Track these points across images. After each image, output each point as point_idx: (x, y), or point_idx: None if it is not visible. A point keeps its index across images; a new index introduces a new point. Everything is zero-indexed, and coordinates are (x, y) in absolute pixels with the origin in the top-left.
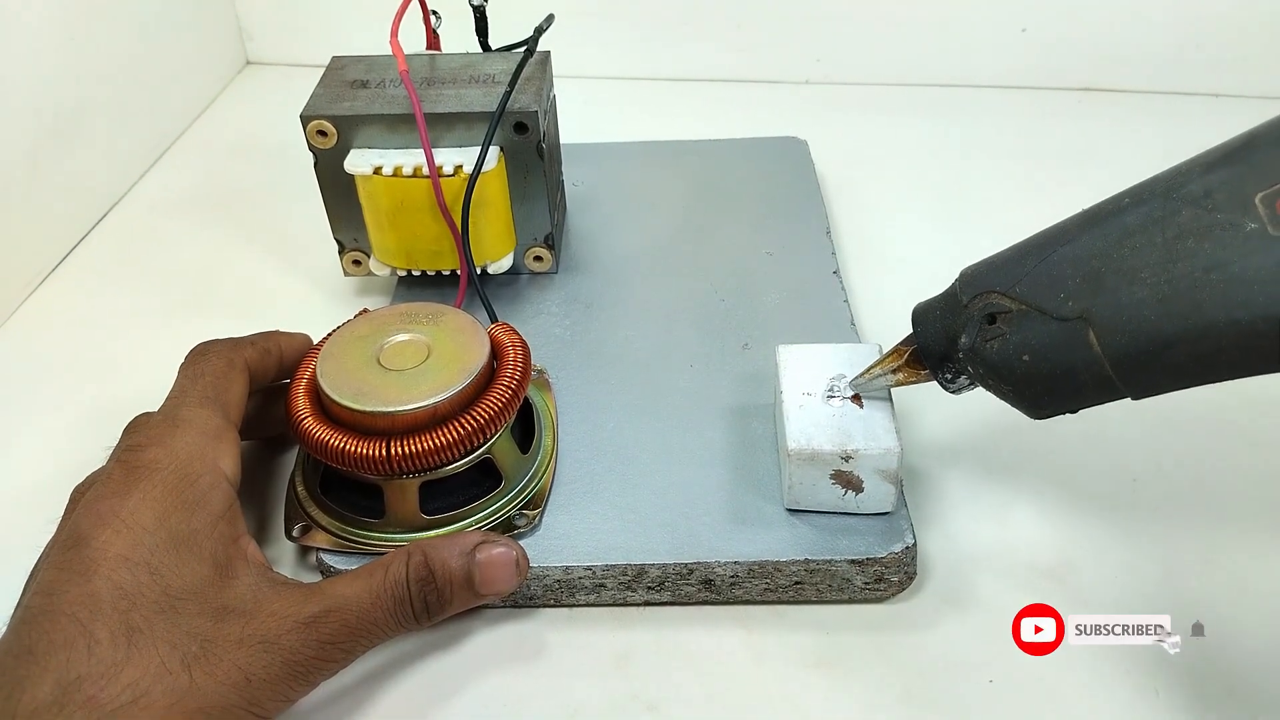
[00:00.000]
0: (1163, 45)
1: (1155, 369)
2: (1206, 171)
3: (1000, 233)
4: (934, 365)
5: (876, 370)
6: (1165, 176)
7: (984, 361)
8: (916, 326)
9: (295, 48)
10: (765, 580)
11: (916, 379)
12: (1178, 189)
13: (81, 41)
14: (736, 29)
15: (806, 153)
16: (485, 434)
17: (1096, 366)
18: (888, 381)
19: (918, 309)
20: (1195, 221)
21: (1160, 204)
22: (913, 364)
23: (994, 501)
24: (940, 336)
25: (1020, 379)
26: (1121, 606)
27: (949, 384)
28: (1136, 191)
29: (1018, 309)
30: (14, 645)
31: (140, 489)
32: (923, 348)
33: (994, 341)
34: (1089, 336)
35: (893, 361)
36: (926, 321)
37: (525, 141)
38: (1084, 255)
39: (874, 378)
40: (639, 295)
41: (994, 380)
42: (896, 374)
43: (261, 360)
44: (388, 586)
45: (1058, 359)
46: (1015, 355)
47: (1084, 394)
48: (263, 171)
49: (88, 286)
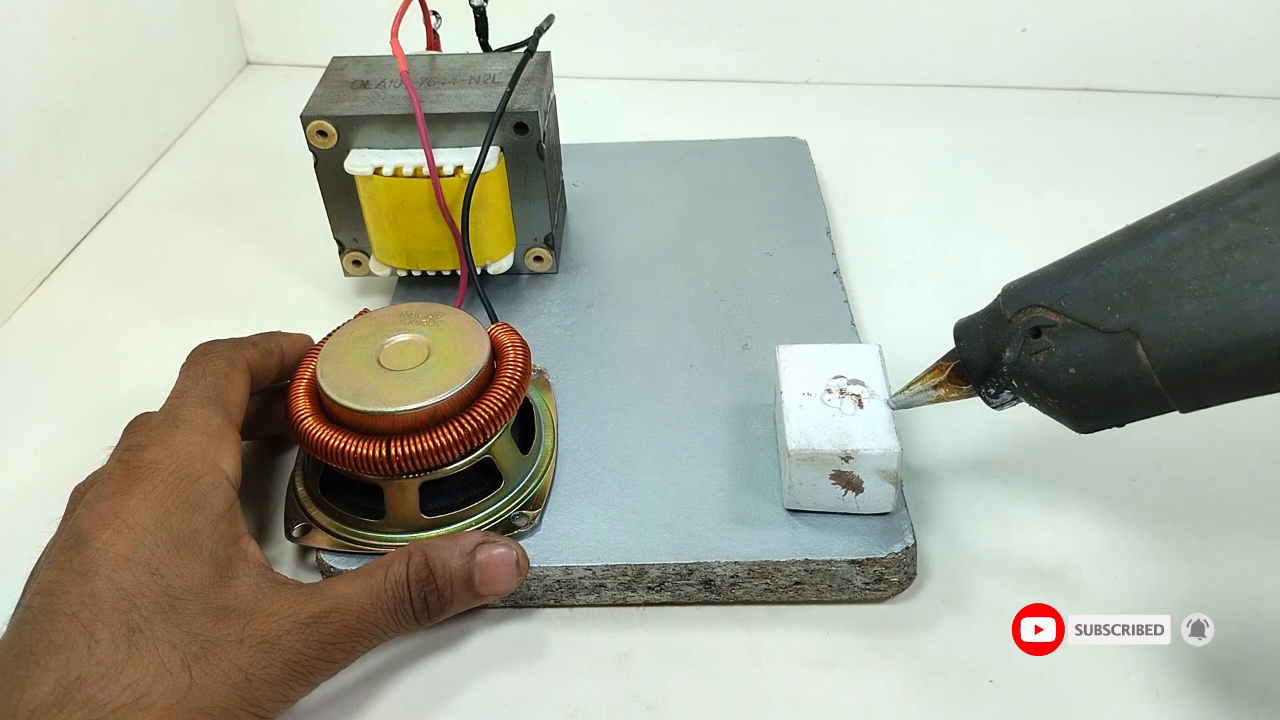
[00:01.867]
0: (1163, 45)
1: (1204, 381)
2: (1253, 186)
3: (1000, 232)
4: (977, 380)
5: (917, 387)
6: (1211, 191)
7: (1029, 375)
8: (959, 340)
9: (295, 48)
10: (765, 580)
11: (958, 395)
12: (1224, 203)
13: (81, 41)
14: (736, 29)
15: (806, 153)
16: (485, 434)
17: (1145, 379)
18: (929, 398)
19: (960, 324)
20: (1243, 234)
21: (1207, 218)
22: (955, 379)
23: (994, 501)
24: (984, 351)
25: (1066, 392)
26: (1121, 606)
27: (992, 399)
28: (1182, 206)
29: (1063, 322)
30: (14, 645)
31: (141, 489)
32: (966, 362)
33: (1039, 355)
34: (1137, 349)
35: (934, 377)
36: (969, 336)
37: (525, 142)
38: (1130, 269)
39: (914, 394)
40: (639, 295)
41: (1039, 394)
42: (938, 390)
43: (263, 361)
44: (388, 587)
45: (1105, 372)
46: (1061, 368)
47: (1131, 407)
48: (263, 171)
49: (88, 286)
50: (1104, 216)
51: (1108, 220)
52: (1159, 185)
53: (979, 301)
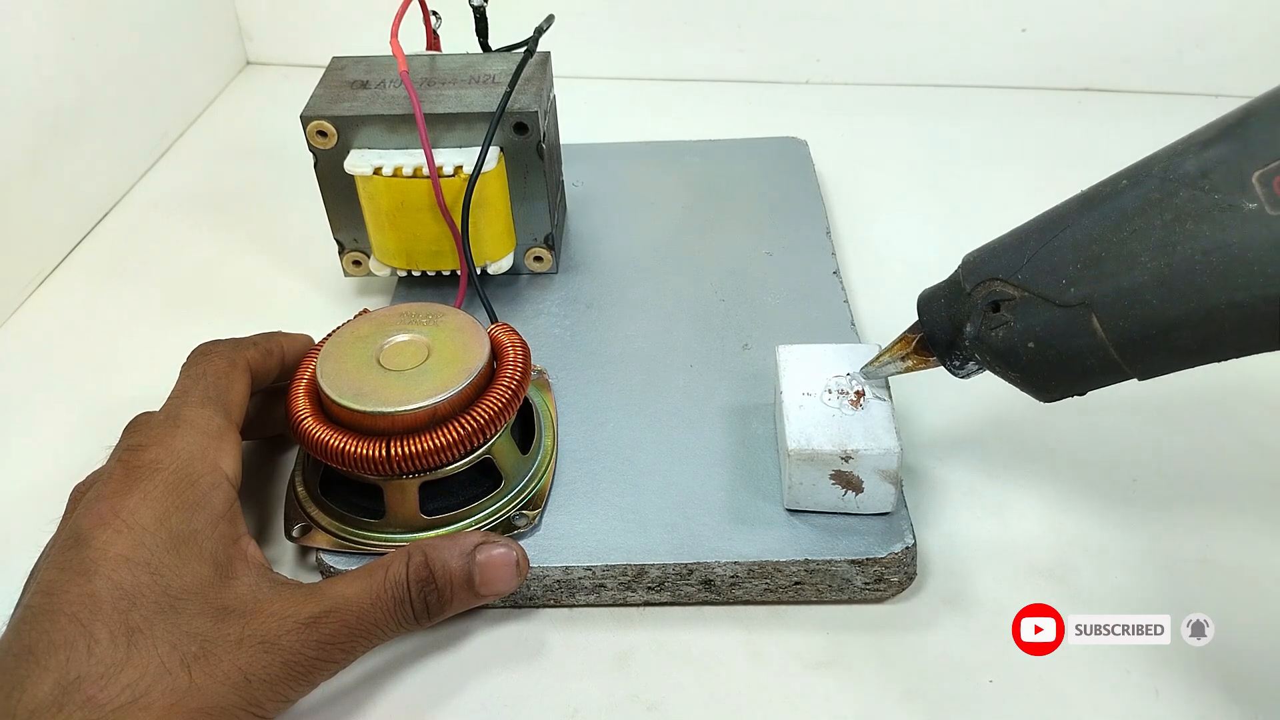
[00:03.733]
0: (1163, 45)
1: (1159, 351)
2: (1202, 149)
3: (1000, 233)
4: (941, 352)
5: (885, 358)
6: (1162, 156)
7: (990, 349)
8: (922, 315)
9: (295, 48)
10: (765, 580)
11: (925, 365)
12: (1174, 169)
13: (81, 41)
14: (736, 29)
15: (806, 153)
16: (485, 434)
17: (1101, 351)
18: (896, 369)
19: (922, 296)
20: (1193, 203)
21: (1157, 185)
22: (920, 351)
23: (994, 501)
24: (946, 324)
25: (1026, 365)
26: (1121, 606)
27: (957, 370)
28: (1133, 172)
29: (1021, 296)
30: (14, 645)
31: (141, 489)
32: (929, 335)
33: (999, 330)
34: (1092, 323)
35: (900, 349)
36: (931, 309)
37: (525, 142)
38: (1084, 240)
39: (882, 365)
40: (639, 295)
41: (1001, 367)
42: (905, 361)
43: (263, 361)
44: (388, 587)
45: (1062, 345)
46: (1020, 343)
47: (1090, 377)
48: (263, 171)
49: (88, 286)
50: None
51: None
52: None
53: None
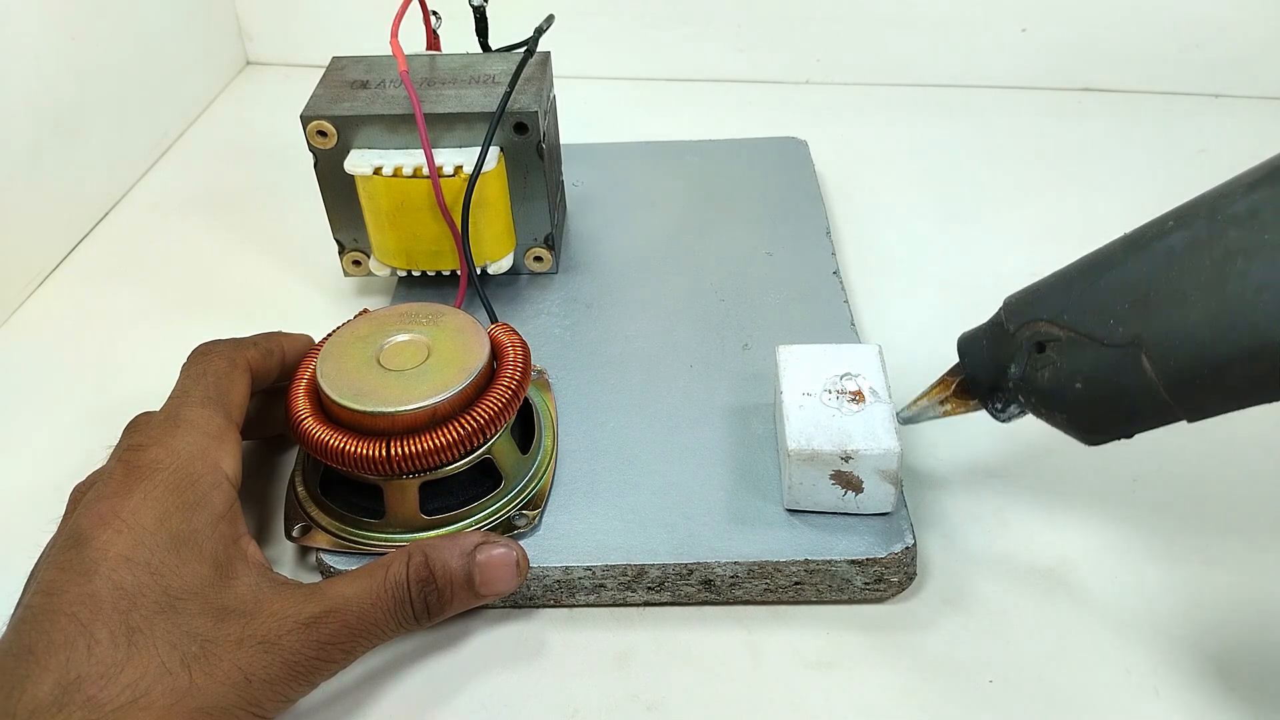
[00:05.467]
0: (1163, 45)
1: (1211, 391)
2: (1250, 191)
3: (1000, 232)
4: (983, 395)
5: (924, 402)
6: (1208, 198)
7: (1036, 391)
8: (963, 357)
9: (295, 48)
10: (765, 580)
11: (965, 409)
12: (1222, 209)
13: (81, 41)
14: (736, 29)
15: (806, 153)
16: (485, 434)
17: (1151, 391)
18: (935, 414)
19: (963, 339)
20: (1243, 242)
21: (1205, 225)
22: (960, 395)
23: (994, 501)
24: (988, 366)
25: (1073, 406)
26: (1121, 606)
27: (999, 413)
28: (1179, 214)
29: (1067, 336)
30: (14, 644)
31: (141, 489)
32: (971, 378)
33: (1045, 370)
34: (1142, 362)
35: (939, 392)
36: (973, 352)
37: (525, 142)
38: (1131, 280)
39: (921, 410)
40: (639, 295)
41: (1047, 409)
42: (944, 405)
43: (264, 361)
44: (388, 587)
45: (1111, 385)
46: (1068, 383)
47: (1139, 418)
48: (263, 171)
49: (88, 286)
50: (1104, 217)
51: (1108, 221)
52: (1159, 185)
53: (979, 301)
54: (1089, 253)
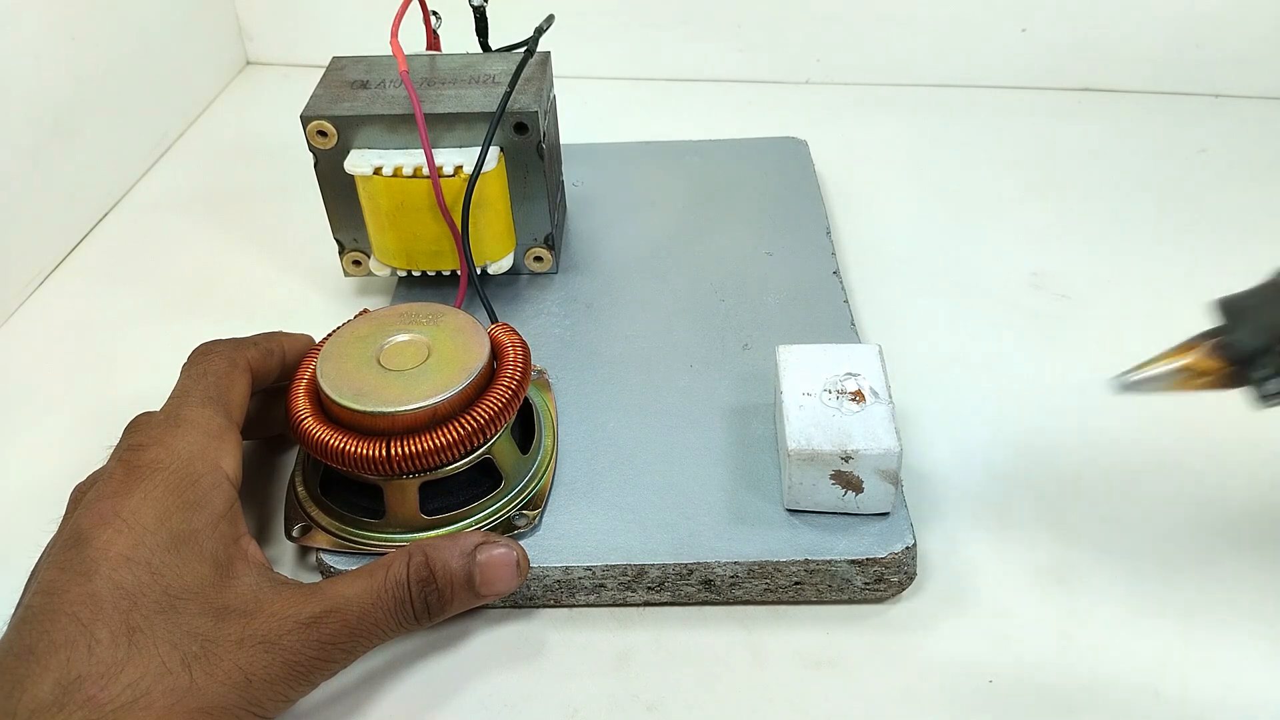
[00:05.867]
0: (1163, 45)
1: None
2: None
3: (1001, 232)
4: (1248, 359)
5: (1160, 367)
6: None
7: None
8: (1229, 316)
9: (295, 48)
10: (765, 580)
11: (1209, 377)
12: None
13: (82, 41)
14: (736, 29)
15: (806, 153)
16: (485, 434)
17: None
18: (1165, 383)
19: (1227, 300)
20: None
21: None
22: (1214, 356)
23: (994, 501)
24: (1262, 329)
25: None
26: (1121, 606)
27: (1263, 383)
28: None
29: None
30: (14, 644)
31: (141, 489)
32: (1233, 342)
33: None
34: None
35: (1181, 355)
36: (1239, 312)
37: (525, 142)
38: None
39: (1152, 377)
40: (639, 295)
41: None
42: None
43: (264, 361)
44: (388, 587)
45: None
46: None
47: None
48: (263, 171)
49: (88, 286)
50: (1104, 217)
51: (1109, 220)
52: (1159, 185)
53: (980, 301)
54: None
